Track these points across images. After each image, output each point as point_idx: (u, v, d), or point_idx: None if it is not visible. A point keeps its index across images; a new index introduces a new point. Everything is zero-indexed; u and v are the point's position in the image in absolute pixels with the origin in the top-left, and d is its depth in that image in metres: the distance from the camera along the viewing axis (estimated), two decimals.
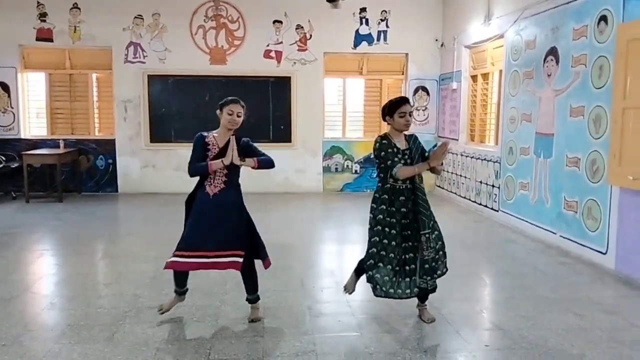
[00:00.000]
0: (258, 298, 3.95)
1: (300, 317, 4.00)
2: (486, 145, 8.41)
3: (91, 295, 4.45)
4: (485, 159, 8.10)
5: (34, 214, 7.95)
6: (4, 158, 8.95)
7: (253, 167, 3.70)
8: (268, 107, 9.82)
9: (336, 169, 10.17)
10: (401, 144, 3.79)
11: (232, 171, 3.71)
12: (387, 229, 3.73)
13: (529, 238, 6.54)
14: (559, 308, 4.22)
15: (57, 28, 9.41)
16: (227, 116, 3.64)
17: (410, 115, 3.74)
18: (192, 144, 3.73)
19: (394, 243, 3.71)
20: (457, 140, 9.13)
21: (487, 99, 8.48)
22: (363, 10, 9.81)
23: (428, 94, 10.13)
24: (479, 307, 4.33)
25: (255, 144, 3.82)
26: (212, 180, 3.68)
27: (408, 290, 3.74)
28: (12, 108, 9.48)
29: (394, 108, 3.74)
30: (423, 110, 10.14)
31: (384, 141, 3.76)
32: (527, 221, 6.80)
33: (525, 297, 4.48)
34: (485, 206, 8.05)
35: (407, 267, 3.74)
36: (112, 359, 3.31)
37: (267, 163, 3.75)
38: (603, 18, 5.34)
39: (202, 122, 9.58)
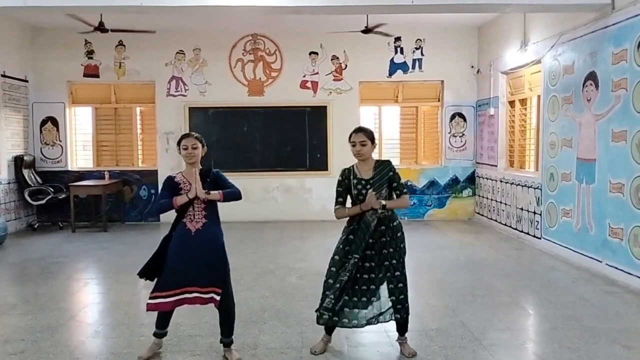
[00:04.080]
0: (232, 342, 3.82)
1: (339, 347, 3.98)
2: (526, 171, 8.28)
3: (134, 323, 4.54)
4: (525, 185, 7.97)
5: (80, 243, 8.20)
6: (52, 189, 9.28)
7: (219, 200, 3.63)
8: (305, 136, 9.96)
9: None
10: (367, 173, 3.75)
11: (209, 205, 3.66)
12: (337, 257, 3.73)
13: (573, 266, 6.36)
14: (606, 339, 4.07)
15: (103, 64, 9.85)
16: (183, 151, 3.68)
17: (362, 145, 3.71)
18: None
19: (344, 273, 3.65)
20: (496, 166, 9.02)
21: (525, 125, 8.37)
22: (398, 39, 9.89)
23: (465, 120, 10.08)
24: (521, 338, 4.22)
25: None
26: (192, 217, 3.64)
27: (364, 322, 3.74)
28: (61, 141, 9.91)
29: (349, 139, 3.80)
30: (460, 136, 10.08)
31: (340, 177, 3.81)
32: (570, 249, 6.62)
33: (570, 327, 4.34)
34: (527, 233, 7.88)
35: (365, 298, 3.70)
36: None
37: (233, 195, 3.67)
38: None
39: (241, 152, 10.02)
